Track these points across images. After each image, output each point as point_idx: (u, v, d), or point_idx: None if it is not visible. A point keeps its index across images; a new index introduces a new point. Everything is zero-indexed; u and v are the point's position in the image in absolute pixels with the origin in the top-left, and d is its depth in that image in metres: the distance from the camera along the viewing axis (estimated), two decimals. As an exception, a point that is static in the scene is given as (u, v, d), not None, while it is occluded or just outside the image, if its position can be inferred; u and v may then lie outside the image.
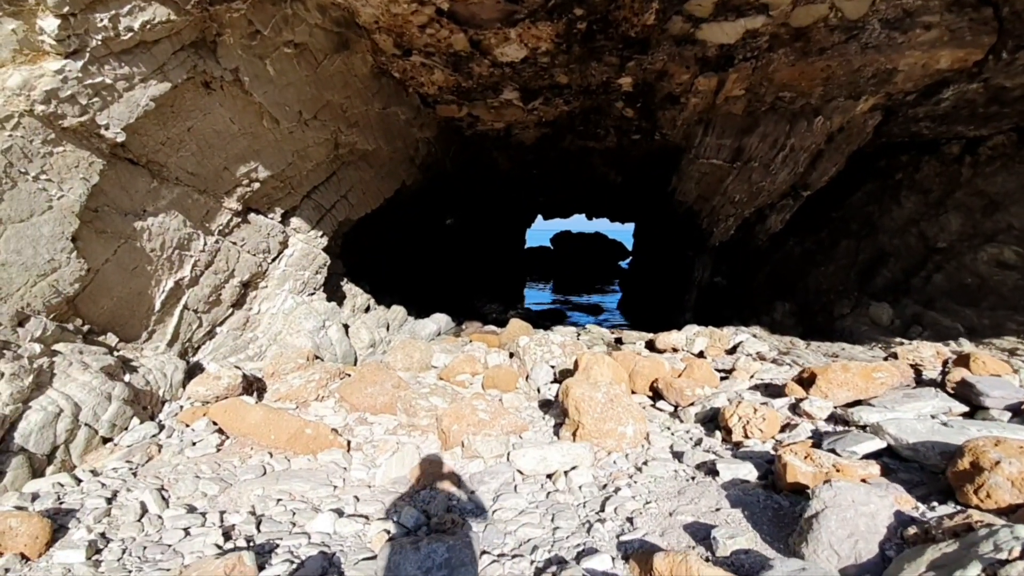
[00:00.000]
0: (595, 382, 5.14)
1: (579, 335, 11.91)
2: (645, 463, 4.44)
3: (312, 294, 8.41)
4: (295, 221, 7.70)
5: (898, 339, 8.62)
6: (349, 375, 7.10)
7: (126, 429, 4.70)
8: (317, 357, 7.62)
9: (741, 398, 5.37)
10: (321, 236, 8.24)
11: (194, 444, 4.79)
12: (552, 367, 7.46)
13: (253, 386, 6.24)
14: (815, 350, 8.99)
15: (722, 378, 6.74)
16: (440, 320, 11.78)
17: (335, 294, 9.48)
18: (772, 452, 4.31)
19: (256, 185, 6.59)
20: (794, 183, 9.11)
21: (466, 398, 5.49)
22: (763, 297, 11.53)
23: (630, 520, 3.20)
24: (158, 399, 5.23)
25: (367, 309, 10.65)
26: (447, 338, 10.94)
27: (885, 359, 6.62)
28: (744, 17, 5.49)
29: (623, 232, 32.26)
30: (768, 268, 11.35)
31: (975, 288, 7.93)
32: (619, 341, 10.88)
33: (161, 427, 4.93)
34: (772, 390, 6.58)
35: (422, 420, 5.78)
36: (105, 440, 4.50)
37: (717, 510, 3.17)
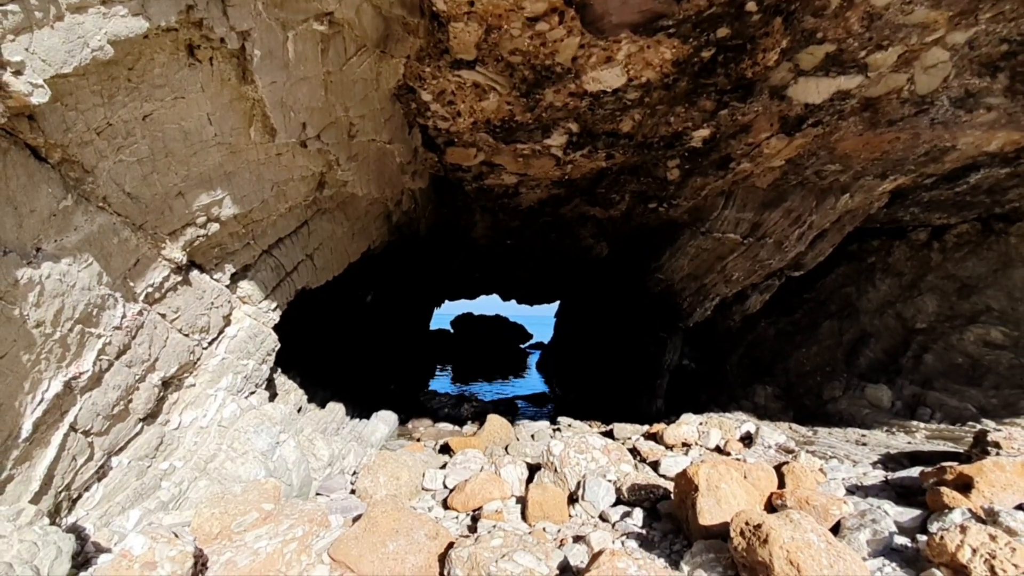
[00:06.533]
0: (783, 524, 3.60)
1: (558, 430, 10.38)
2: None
3: (253, 393, 5.85)
4: (246, 286, 5.33)
5: (915, 422, 8.42)
6: (329, 520, 4.70)
7: None
8: (273, 493, 5.00)
9: (965, 524, 4.17)
10: (274, 309, 5.88)
11: None
12: (611, 482, 5.78)
13: (198, 564, 3.62)
14: (839, 438, 8.49)
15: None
16: (389, 420, 9.49)
17: (268, 391, 6.85)
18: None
19: (214, 227, 4.29)
20: (787, 263, 9.02)
21: (604, 558, 3.55)
22: (739, 380, 11.12)
23: None
24: (27, 632, 2.53)
25: (299, 409, 8.02)
26: (410, 444, 8.65)
27: (981, 448, 6.10)
28: (845, 75, 5.10)
29: (526, 315, 31.78)
30: (741, 350, 11.09)
31: (969, 368, 8.16)
32: (608, 435, 9.56)
33: None
34: (886, 494, 5.64)
35: (511, 597, 3.71)
36: None
37: None
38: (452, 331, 30.28)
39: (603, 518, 5.08)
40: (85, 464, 3.71)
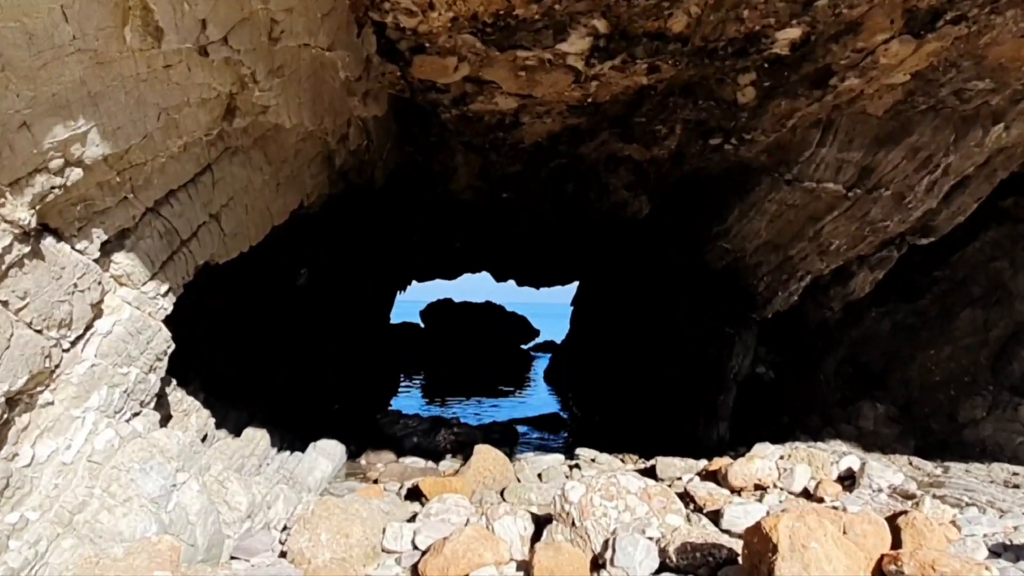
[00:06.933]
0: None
1: (576, 467, 10.64)
2: None
3: (137, 415, 6.04)
4: (123, 261, 5.46)
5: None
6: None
7: None
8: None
9: None
10: (165, 294, 6.06)
11: None
12: (653, 539, 6.04)
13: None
14: (981, 477, 8.67)
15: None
16: (333, 453, 9.80)
17: (159, 412, 7.05)
18: None
19: (75, 174, 4.35)
20: (910, 225, 9.09)
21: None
22: (838, 395, 11.34)
23: None
24: None
25: (204, 438, 8.30)
26: (364, 488, 8.93)
27: None
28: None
29: (530, 303, 32.00)
30: (842, 352, 11.24)
31: None
32: (649, 474, 9.85)
33: None
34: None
35: None
36: None
37: None
38: (423, 325, 30.68)
39: (644, 596, 5.34)
40: (-103, 517, 3.79)
